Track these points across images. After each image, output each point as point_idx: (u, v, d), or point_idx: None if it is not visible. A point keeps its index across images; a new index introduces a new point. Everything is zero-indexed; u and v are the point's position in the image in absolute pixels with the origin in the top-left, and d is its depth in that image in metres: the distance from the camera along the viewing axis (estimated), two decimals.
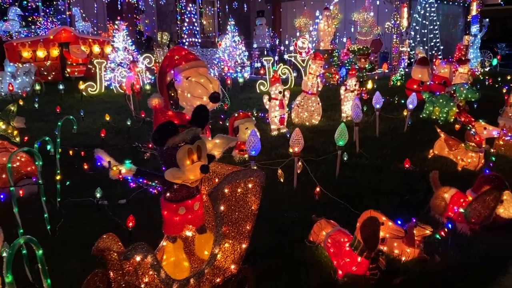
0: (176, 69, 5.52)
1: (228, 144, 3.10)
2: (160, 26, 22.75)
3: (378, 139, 7.10)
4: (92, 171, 4.85)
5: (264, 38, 22.04)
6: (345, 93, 8.34)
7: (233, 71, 12.10)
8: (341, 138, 5.24)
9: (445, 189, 4.32)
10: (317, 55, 8.07)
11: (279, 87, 7.28)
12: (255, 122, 6.13)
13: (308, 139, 7.02)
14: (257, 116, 8.22)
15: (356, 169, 5.63)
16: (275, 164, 5.19)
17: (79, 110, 9.38)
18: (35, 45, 14.23)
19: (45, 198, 3.85)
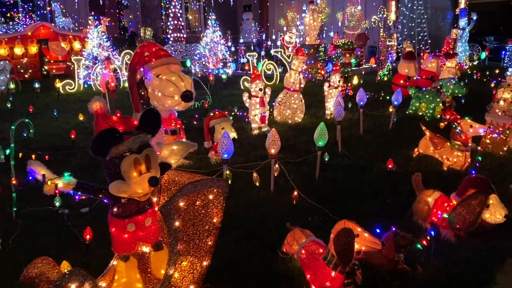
0: (146, 66, 5.23)
1: (188, 150, 2.81)
2: (145, 21, 22.35)
3: (362, 138, 6.84)
4: (21, 187, 4.36)
5: (250, 33, 21.73)
6: (329, 90, 8.07)
7: (215, 67, 11.76)
8: (320, 138, 4.97)
9: (428, 192, 4.06)
10: (299, 51, 7.78)
11: (259, 84, 6.99)
12: (232, 122, 5.84)
13: (290, 138, 6.79)
14: (236, 114, 7.90)
15: (338, 170, 5.36)
16: (251, 167, 4.90)
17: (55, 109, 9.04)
18: (12, 42, 13.78)
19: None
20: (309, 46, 13.59)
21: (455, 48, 15.61)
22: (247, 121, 7.52)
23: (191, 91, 5.13)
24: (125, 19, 22.28)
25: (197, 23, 24.82)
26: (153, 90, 5.23)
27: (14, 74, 11.98)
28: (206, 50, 12.31)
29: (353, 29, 20.44)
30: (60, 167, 5.31)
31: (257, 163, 4.84)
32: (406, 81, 9.72)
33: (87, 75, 10.93)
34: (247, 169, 4.83)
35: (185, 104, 5.22)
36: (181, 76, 5.16)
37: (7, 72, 11.16)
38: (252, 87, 7.01)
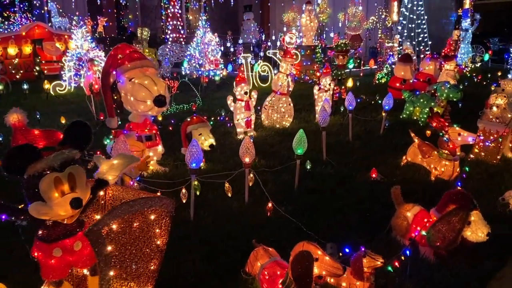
0: (118, 69, 5.00)
1: (129, 165, 2.57)
2: (144, 21, 22.13)
3: (350, 144, 6.58)
4: None
5: (250, 33, 21.49)
6: (319, 93, 7.80)
7: (205, 69, 11.51)
8: (299, 146, 4.72)
9: (408, 206, 3.80)
10: (288, 53, 7.52)
11: (244, 87, 6.75)
12: (210, 128, 5.59)
13: (274, 144, 6.53)
14: (216, 120, 7.61)
15: (319, 179, 5.10)
16: (225, 177, 4.63)
17: (41, 111, 8.84)
18: (5, 42, 13.62)
19: None
20: (306, 47, 13.32)
21: (457, 49, 15.26)
22: (230, 126, 7.28)
23: (164, 96, 4.89)
24: (125, 19, 22.10)
25: (198, 23, 24.57)
26: (125, 94, 5.00)
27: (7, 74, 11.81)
28: (197, 51, 12.05)
29: (355, 29, 20.15)
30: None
31: (231, 172, 4.58)
32: (402, 84, 9.43)
33: (71, 77, 10.71)
34: (220, 178, 4.57)
35: (158, 109, 4.98)
36: (155, 80, 4.93)
37: None
38: (237, 90, 6.77)
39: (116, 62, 5.04)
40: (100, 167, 2.52)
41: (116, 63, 5.04)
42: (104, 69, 5.18)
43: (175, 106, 8.92)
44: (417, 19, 15.76)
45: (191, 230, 3.90)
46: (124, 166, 2.51)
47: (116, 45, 5.34)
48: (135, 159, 2.63)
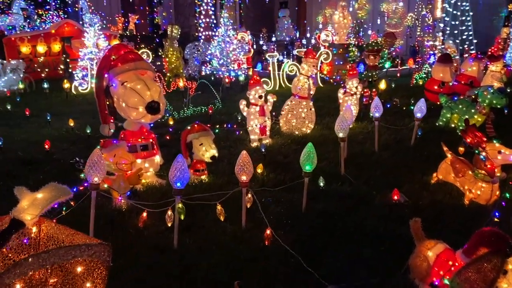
0: (111, 71, 4.54)
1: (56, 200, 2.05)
2: (178, 19, 21.89)
3: (376, 156, 5.86)
4: None
5: (284, 31, 20.84)
6: (344, 97, 7.11)
7: (225, 70, 10.99)
8: (307, 161, 4.09)
9: (430, 244, 3.11)
10: (309, 53, 6.87)
11: (259, 91, 6.17)
12: (213, 137, 5.04)
13: (289, 154, 5.92)
14: (222, 127, 7.00)
15: (332, 199, 4.45)
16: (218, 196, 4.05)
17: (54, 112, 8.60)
18: (35, 40, 13.61)
19: None
20: (339, 46, 12.56)
21: (506, 49, 14.03)
22: (238, 133, 6.71)
23: (157, 102, 4.39)
24: (159, 17, 21.93)
25: (232, 20, 24.12)
26: (118, 99, 4.55)
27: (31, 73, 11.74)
28: (218, 50, 11.53)
29: (395, 27, 19.14)
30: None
31: (225, 192, 4.01)
32: (441, 87, 8.56)
33: (82, 77, 10.45)
34: (214, 198, 4.00)
35: (151, 117, 4.49)
36: (148, 84, 4.44)
37: (20, 71, 10.89)
38: (251, 94, 6.20)
39: (109, 63, 4.59)
40: (20, 202, 2.03)
41: (109, 64, 4.59)
42: (97, 71, 4.74)
43: (192, 108, 8.45)
44: (461, 16, 14.61)
45: (171, 260, 3.37)
46: (49, 202, 2.01)
47: (112, 45, 4.89)
48: (66, 193, 2.11)
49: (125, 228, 3.82)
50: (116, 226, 3.83)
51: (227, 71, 11.00)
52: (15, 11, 14.60)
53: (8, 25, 14.45)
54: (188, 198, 3.83)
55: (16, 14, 14.56)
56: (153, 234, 3.75)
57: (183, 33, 19.52)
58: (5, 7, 15.20)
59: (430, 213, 4.07)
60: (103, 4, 17.73)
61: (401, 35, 18.63)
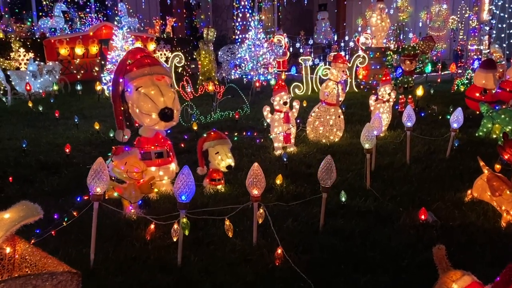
0: (126, 76, 4.41)
1: (26, 220, 1.88)
2: (216, 22, 21.95)
3: (406, 168, 5.47)
4: None
5: (322, 33, 20.47)
6: (376, 104, 6.74)
7: (255, 74, 10.76)
8: (325, 176, 3.80)
9: (455, 275, 2.75)
10: (339, 57, 6.54)
11: (284, 97, 5.91)
12: (230, 145, 4.83)
13: (313, 164, 5.61)
14: (260, 130, 6.79)
15: (354, 216, 4.13)
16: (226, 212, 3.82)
17: (84, 114, 8.68)
18: (73, 42, 13.89)
19: None
20: (376, 49, 12.10)
21: None
22: (258, 142, 6.47)
23: (170, 109, 4.22)
24: (197, 19, 22.05)
25: (270, 23, 23.97)
26: (132, 105, 4.41)
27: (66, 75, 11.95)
28: (247, 54, 11.33)
29: (438, 30, 18.41)
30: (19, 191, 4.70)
31: (236, 206, 3.77)
32: (482, 94, 8.01)
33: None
34: (225, 212, 3.78)
35: (165, 124, 4.33)
36: (163, 90, 4.27)
37: (56, 73, 11.10)
38: (275, 100, 5.95)
39: (125, 68, 4.47)
40: None
41: (125, 69, 4.47)
42: (114, 76, 4.62)
43: (219, 113, 8.30)
44: (509, 18, 13.78)
45: (172, 279, 3.17)
46: (15, 224, 1.85)
47: (130, 49, 4.77)
48: (35, 214, 1.94)
49: (130, 241, 3.66)
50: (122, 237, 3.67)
51: (257, 75, 10.79)
52: (56, 13, 14.97)
53: (49, 27, 14.83)
54: (195, 212, 3.63)
55: (57, 16, 14.91)
56: (158, 248, 3.57)
57: (220, 36, 19.57)
58: (48, 10, 15.60)
59: (460, 237, 3.69)
60: (141, 7, 17.93)
61: (445, 38, 17.89)
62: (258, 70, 10.93)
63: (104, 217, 3.74)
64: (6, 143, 6.57)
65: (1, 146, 6.41)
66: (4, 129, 7.61)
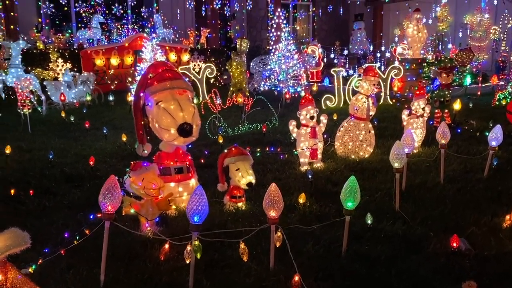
0: (147, 90, 4.35)
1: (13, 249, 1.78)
2: (250, 32, 21.96)
3: (440, 188, 5.16)
4: None
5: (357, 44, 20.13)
6: (409, 119, 6.44)
7: (284, 86, 10.59)
8: (349, 198, 3.58)
9: None
10: (370, 70, 6.29)
11: (311, 111, 5.73)
12: (252, 162, 4.67)
13: (340, 181, 5.35)
14: (287, 144, 6.60)
15: (380, 241, 3.88)
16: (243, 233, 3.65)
17: (114, 125, 8.74)
18: (109, 53, 14.17)
19: None
20: (412, 61, 11.72)
21: None
22: (282, 158, 6.28)
23: (190, 124, 4.12)
24: (231, 30, 22.14)
25: (305, 33, 23.81)
26: (152, 119, 4.34)
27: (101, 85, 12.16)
28: (277, 66, 11.17)
29: (479, 40, 17.73)
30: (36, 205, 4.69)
31: (252, 229, 3.60)
32: None
33: None
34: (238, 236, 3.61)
35: (184, 139, 4.23)
36: (182, 104, 4.18)
37: (90, 84, 11.31)
38: (301, 114, 5.77)
39: (146, 82, 4.40)
40: None
41: (146, 83, 4.41)
42: (135, 90, 4.57)
43: (247, 125, 8.17)
44: None
45: None
46: (1, 252, 1.74)
47: (152, 63, 4.72)
48: (24, 243, 1.83)
49: (143, 260, 3.55)
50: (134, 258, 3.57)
51: (286, 87, 10.63)
52: (94, 25, 15.34)
53: (87, 38, 15.21)
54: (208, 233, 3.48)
55: (95, 28, 15.28)
56: (171, 269, 3.44)
57: (254, 47, 19.56)
58: (87, 21, 16.01)
59: (496, 268, 3.39)
60: (177, 18, 18.15)
61: (486, 49, 17.21)
62: (288, 82, 10.76)
63: (117, 235, 3.65)
64: (36, 153, 6.65)
65: (30, 156, 6.48)
66: (36, 138, 7.74)
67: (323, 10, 22.51)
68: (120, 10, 16.93)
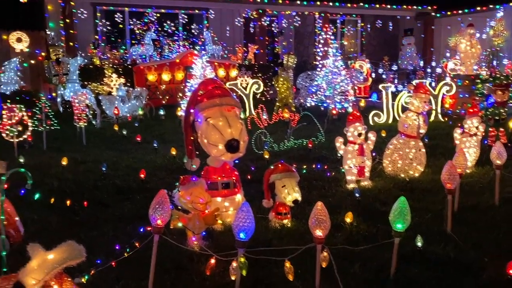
0: (197, 107, 4.46)
1: (68, 262, 1.86)
2: (297, 48, 22.04)
3: (494, 211, 4.93)
4: None
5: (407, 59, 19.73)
6: (462, 138, 6.22)
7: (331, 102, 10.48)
8: (398, 219, 3.49)
9: None
10: (420, 87, 6.15)
11: (358, 128, 5.65)
12: (298, 179, 4.65)
13: (388, 201, 5.22)
14: (311, 169, 6.51)
15: (431, 265, 3.74)
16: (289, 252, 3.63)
17: (165, 139, 8.96)
18: (161, 69, 14.63)
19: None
20: (464, 77, 11.35)
21: None
22: (329, 175, 6.20)
23: (237, 140, 4.18)
24: (279, 46, 22.31)
25: (353, 48, 23.61)
26: (201, 135, 4.44)
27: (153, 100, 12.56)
28: (324, 82, 11.10)
29: None
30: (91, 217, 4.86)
31: (298, 247, 3.58)
32: None
33: None
34: (283, 254, 3.59)
35: (231, 155, 4.29)
36: (230, 121, 4.26)
37: (143, 99, 11.70)
38: (349, 130, 5.70)
39: (196, 98, 4.52)
40: (30, 261, 1.87)
41: (196, 99, 4.52)
42: (186, 106, 4.70)
43: (293, 141, 8.17)
44: None
45: None
46: (57, 266, 1.82)
47: (203, 80, 4.85)
48: (79, 256, 1.90)
49: (190, 274, 3.60)
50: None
51: (333, 103, 10.55)
52: (146, 41, 15.91)
53: (140, 54, 15.80)
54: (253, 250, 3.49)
55: (148, 44, 15.84)
56: (217, 285, 3.47)
57: (301, 62, 19.61)
58: (140, 38, 16.64)
59: None
60: (226, 35, 18.51)
61: None
62: (334, 98, 10.69)
63: (165, 248, 3.72)
64: (90, 165, 6.92)
65: (84, 168, 6.76)
66: (90, 151, 8.07)
67: (372, 25, 22.25)
68: (172, 27, 17.46)
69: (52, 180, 5.99)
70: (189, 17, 18.74)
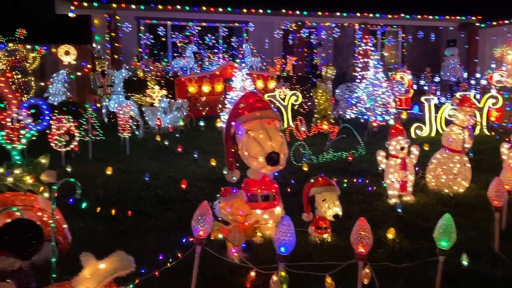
0: (238, 119, 4.52)
1: (119, 272, 1.92)
2: (336, 59, 21.91)
3: None
4: None
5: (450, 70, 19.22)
6: (510, 152, 5.98)
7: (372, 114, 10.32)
8: (443, 237, 3.40)
9: None
10: (466, 100, 5.98)
11: (401, 141, 5.56)
12: (339, 193, 4.61)
13: (432, 217, 5.10)
14: (352, 182, 6.42)
15: (477, 284, 3.62)
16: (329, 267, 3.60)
17: (205, 150, 9.06)
18: (201, 81, 14.88)
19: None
20: (510, 89, 10.95)
21: None
22: (370, 190, 6.09)
23: (277, 153, 4.20)
24: (318, 58, 22.26)
25: (393, 60, 23.25)
26: (241, 147, 4.49)
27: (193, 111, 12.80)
28: (364, 94, 10.96)
29: None
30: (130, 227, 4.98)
31: (338, 263, 3.54)
32: None
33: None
34: (324, 269, 3.56)
35: (271, 168, 4.30)
36: (271, 134, 4.28)
37: (184, 110, 11.93)
38: (391, 144, 5.61)
39: (237, 111, 4.58)
40: (83, 270, 1.95)
41: (237, 112, 4.58)
42: (227, 119, 4.77)
43: (332, 153, 8.11)
44: None
45: None
46: (108, 275, 1.89)
47: (244, 93, 4.92)
48: (129, 267, 1.96)
49: (230, 286, 3.63)
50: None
51: (374, 115, 10.40)
52: (187, 54, 16.24)
53: (181, 66, 16.15)
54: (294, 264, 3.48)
55: (189, 57, 16.17)
56: None
57: (340, 73, 19.48)
58: (182, 51, 17.02)
59: None
60: (264, 48, 18.65)
61: None
62: (375, 110, 10.54)
63: (206, 259, 3.77)
64: (133, 175, 7.10)
65: (127, 178, 6.94)
66: (134, 161, 8.28)
67: (413, 36, 21.87)
68: (213, 40, 17.77)
69: (98, 189, 6.19)
70: (229, 30, 19.01)
